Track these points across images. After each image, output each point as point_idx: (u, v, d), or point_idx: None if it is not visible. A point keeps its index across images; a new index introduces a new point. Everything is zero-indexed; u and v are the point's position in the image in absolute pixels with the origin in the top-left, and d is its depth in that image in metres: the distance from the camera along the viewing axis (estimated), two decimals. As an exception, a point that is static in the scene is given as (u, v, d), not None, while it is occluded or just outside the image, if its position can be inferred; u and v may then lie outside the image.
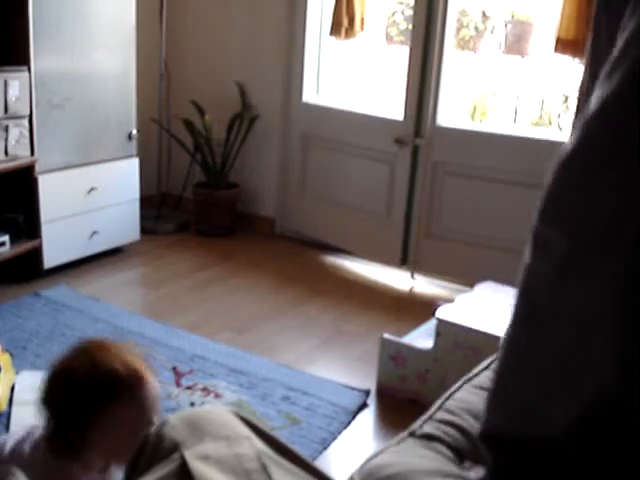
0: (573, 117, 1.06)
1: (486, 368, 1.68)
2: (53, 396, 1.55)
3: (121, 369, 1.55)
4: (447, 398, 1.57)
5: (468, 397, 1.57)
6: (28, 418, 2.40)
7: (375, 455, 1.26)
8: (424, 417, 1.49)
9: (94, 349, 1.57)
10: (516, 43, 5.82)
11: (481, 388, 1.59)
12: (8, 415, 2.41)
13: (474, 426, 1.27)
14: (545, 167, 1.00)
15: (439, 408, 1.50)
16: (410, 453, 1.32)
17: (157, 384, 1.60)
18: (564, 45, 3.23)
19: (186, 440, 1.01)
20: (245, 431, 1.05)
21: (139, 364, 1.59)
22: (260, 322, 3.34)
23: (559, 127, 5.54)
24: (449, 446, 1.37)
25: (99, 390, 1.52)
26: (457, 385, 1.63)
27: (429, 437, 1.42)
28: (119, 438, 1.53)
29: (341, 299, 3.65)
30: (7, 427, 2.34)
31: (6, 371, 2.54)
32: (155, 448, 1.04)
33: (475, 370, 1.68)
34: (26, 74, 3.28)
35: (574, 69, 4.53)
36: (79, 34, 3.54)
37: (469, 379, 1.64)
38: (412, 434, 1.43)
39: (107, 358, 1.55)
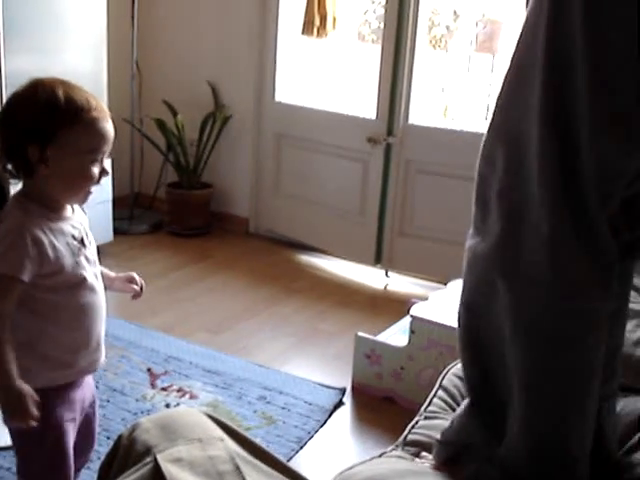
0: None
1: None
2: (20, 110, 1.56)
3: (88, 98, 1.58)
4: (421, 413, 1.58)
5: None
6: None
7: (351, 467, 1.27)
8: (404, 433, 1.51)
9: (62, 81, 1.61)
10: (487, 42, 5.85)
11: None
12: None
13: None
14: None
15: (412, 428, 1.52)
16: (386, 461, 1.33)
17: (112, 127, 1.63)
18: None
19: (159, 443, 1.00)
20: (218, 433, 1.05)
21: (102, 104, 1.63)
22: (235, 322, 3.33)
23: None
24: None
25: (65, 109, 1.53)
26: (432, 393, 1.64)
27: (413, 444, 1.43)
28: (71, 166, 1.56)
29: (316, 298, 3.65)
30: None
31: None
32: (128, 452, 1.04)
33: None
34: (-5, 75, 3.26)
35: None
36: (49, 34, 3.51)
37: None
38: (396, 447, 1.45)
39: (76, 89, 1.60)
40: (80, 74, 3.62)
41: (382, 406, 2.70)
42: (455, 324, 1.15)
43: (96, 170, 1.59)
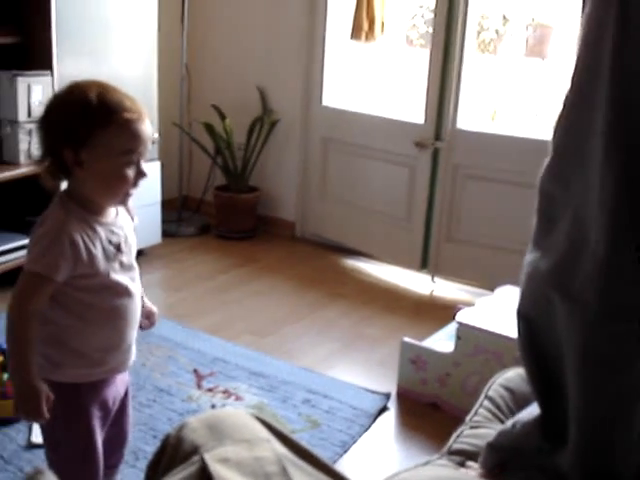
0: None
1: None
2: (54, 113, 1.58)
3: (122, 99, 1.58)
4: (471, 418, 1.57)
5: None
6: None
7: (396, 474, 1.26)
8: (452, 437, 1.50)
9: (99, 83, 1.61)
10: (537, 46, 5.80)
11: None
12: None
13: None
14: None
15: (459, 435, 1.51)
16: (430, 469, 1.32)
17: (149, 128, 1.63)
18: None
19: (206, 443, 1.01)
20: (265, 434, 1.05)
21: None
22: (280, 325, 3.34)
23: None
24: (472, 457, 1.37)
25: (97, 111, 1.54)
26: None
27: (458, 453, 1.42)
28: (105, 168, 1.56)
29: (361, 303, 3.65)
30: (30, 428, 2.36)
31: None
32: (175, 450, 1.04)
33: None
34: (49, 78, 3.32)
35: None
36: (101, 38, 3.57)
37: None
38: (441, 456, 1.44)
39: (111, 90, 1.59)
40: (131, 78, 3.68)
41: (427, 412, 2.69)
42: (502, 331, 1.15)
43: (131, 172, 1.58)
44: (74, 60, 3.46)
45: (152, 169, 4.00)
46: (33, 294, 1.54)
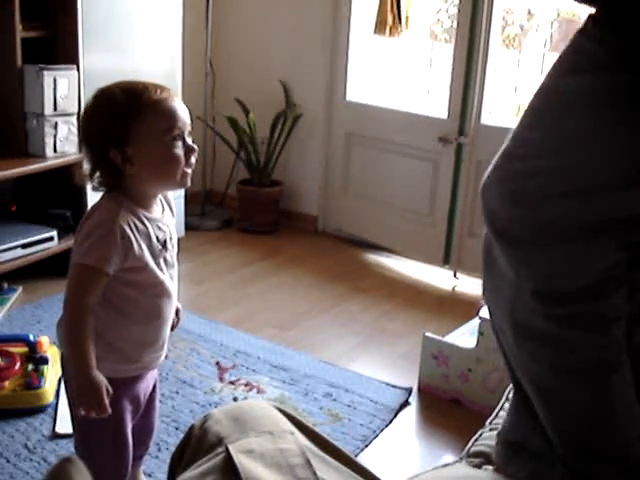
0: None
1: None
2: (90, 123, 1.61)
3: (145, 85, 1.60)
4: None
5: None
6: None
7: (414, 476, 1.27)
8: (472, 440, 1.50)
9: (121, 81, 1.64)
10: (562, 41, 5.74)
11: None
12: (55, 407, 2.46)
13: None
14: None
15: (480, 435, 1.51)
16: (447, 470, 1.33)
17: (182, 105, 1.64)
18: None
19: (230, 434, 1.02)
20: (288, 426, 1.06)
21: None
22: (303, 319, 3.35)
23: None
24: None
25: (125, 104, 1.56)
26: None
27: (477, 455, 1.43)
28: (152, 154, 1.57)
29: (383, 297, 3.65)
30: (54, 419, 2.39)
31: (54, 363, 2.59)
32: (200, 442, 1.05)
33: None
34: (75, 72, 3.34)
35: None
36: (126, 33, 3.59)
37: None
38: (460, 459, 1.44)
39: (134, 82, 1.62)
40: (156, 73, 3.70)
41: (448, 408, 2.69)
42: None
43: (180, 150, 1.59)
44: (99, 55, 3.48)
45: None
46: (87, 287, 1.55)
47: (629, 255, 1.00)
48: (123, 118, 1.55)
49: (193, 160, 1.63)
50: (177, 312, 1.83)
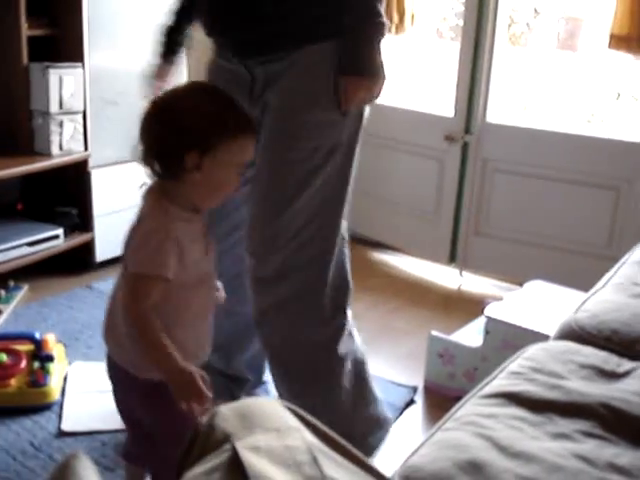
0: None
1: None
2: (187, 116, 1.58)
3: (248, 116, 1.62)
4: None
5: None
6: (81, 407, 2.46)
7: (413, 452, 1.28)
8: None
9: (225, 93, 1.65)
10: (568, 39, 5.75)
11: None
12: (61, 404, 2.46)
13: None
14: (596, 164, 1.03)
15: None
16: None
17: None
18: (618, 41, 3.19)
19: (237, 431, 1.02)
20: (295, 423, 1.05)
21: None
22: (308, 317, 3.34)
23: (611, 124, 5.46)
24: None
25: (233, 126, 1.58)
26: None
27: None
28: (221, 176, 1.60)
29: (389, 295, 3.65)
30: (60, 416, 2.40)
31: (60, 361, 2.59)
32: (206, 439, 1.05)
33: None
34: (80, 70, 3.34)
35: (628, 65, 4.45)
36: (132, 30, 3.59)
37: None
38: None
39: (239, 103, 1.63)
40: (162, 70, 3.69)
41: (454, 406, 2.68)
42: (531, 326, 1.15)
43: (238, 180, 1.64)
44: (105, 53, 3.48)
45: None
46: (146, 295, 1.55)
47: None
48: (221, 132, 1.56)
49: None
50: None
